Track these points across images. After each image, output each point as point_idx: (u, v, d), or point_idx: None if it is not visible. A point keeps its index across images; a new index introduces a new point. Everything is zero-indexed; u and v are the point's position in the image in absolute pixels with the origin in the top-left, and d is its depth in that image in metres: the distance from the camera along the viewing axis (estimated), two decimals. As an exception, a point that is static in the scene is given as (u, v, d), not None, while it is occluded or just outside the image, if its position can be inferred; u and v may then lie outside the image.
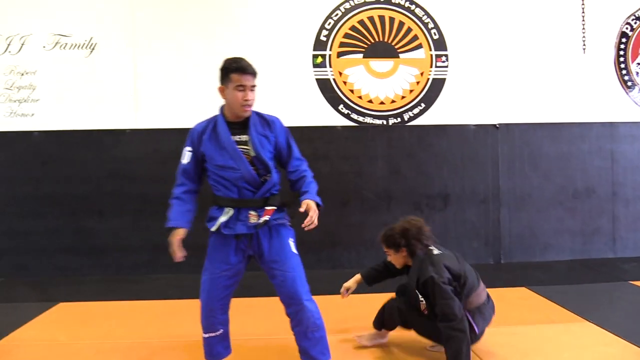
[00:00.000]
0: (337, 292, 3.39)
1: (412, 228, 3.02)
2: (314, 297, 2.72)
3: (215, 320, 2.70)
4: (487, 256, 5.58)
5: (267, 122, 2.68)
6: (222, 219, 2.59)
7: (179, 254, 2.61)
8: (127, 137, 5.34)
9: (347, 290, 3.36)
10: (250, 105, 2.58)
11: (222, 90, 2.62)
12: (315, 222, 2.50)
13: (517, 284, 4.63)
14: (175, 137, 5.32)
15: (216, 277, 2.65)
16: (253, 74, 2.56)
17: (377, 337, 3.28)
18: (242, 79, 2.53)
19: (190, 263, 5.44)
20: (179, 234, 2.62)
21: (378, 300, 3.27)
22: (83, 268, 5.29)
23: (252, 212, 2.59)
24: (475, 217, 5.57)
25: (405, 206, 5.49)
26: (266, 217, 2.58)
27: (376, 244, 5.45)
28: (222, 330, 2.74)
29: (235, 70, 2.54)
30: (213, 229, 2.64)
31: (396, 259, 3.11)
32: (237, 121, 2.63)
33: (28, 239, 5.27)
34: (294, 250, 2.69)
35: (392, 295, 3.33)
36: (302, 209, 2.53)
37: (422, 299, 2.89)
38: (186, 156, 2.72)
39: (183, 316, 3.88)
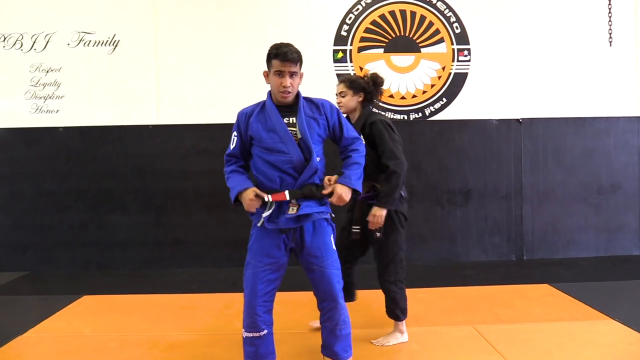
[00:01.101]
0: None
1: (379, 79, 3.26)
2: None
3: (258, 318, 2.58)
4: (509, 253, 5.52)
5: (316, 105, 2.66)
6: (266, 213, 2.54)
7: (255, 203, 2.51)
8: (150, 132, 5.40)
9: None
10: (288, 92, 2.55)
11: (266, 75, 2.65)
12: (343, 199, 2.53)
13: (539, 280, 4.57)
14: (197, 132, 5.40)
15: (259, 270, 2.58)
16: (293, 60, 2.54)
17: (397, 335, 3.27)
18: (281, 65, 2.53)
19: (211, 257, 5.51)
20: (250, 190, 2.52)
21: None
22: (107, 262, 5.38)
23: (293, 202, 2.53)
24: (497, 213, 5.52)
25: (426, 201, 5.46)
26: (296, 209, 2.52)
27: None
28: (266, 331, 2.62)
29: (275, 56, 2.55)
30: (258, 224, 2.59)
31: (348, 101, 3.22)
32: (285, 104, 2.61)
33: (54, 233, 5.37)
34: (333, 247, 2.66)
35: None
36: (326, 191, 2.52)
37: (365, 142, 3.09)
38: (233, 141, 2.68)
39: (204, 310, 3.93)
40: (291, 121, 2.58)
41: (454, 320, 3.63)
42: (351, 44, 5.50)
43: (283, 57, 2.53)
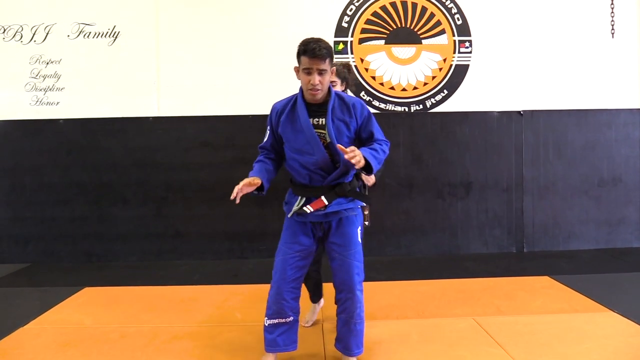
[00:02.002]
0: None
1: (352, 70, 3.54)
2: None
3: (285, 305, 2.61)
4: (510, 245, 5.52)
5: (347, 105, 2.58)
6: (295, 207, 2.59)
7: (241, 189, 2.44)
8: (151, 125, 5.39)
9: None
10: (317, 89, 2.49)
11: (296, 71, 2.59)
12: (357, 159, 2.35)
13: (540, 273, 4.57)
14: (198, 124, 5.39)
15: (289, 257, 2.62)
16: (322, 57, 2.46)
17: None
18: (309, 62, 2.47)
19: (212, 250, 5.51)
20: (254, 179, 2.50)
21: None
22: (108, 254, 5.39)
23: (322, 198, 2.55)
24: (498, 206, 5.51)
25: (427, 194, 5.46)
26: (323, 206, 2.55)
27: (398, 231, 5.46)
28: (292, 317, 2.65)
29: (304, 53, 2.49)
30: (289, 215, 2.64)
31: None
32: (316, 103, 2.56)
33: (55, 226, 5.37)
34: (359, 238, 2.66)
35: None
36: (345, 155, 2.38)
37: None
38: (266, 135, 2.70)
39: (206, 302, 3.93)
40: (320, 122, 2.53)
41: (454, 312, 3.63)
42: (352, 36, 5.48)
43: (311, 53, 2.46)
